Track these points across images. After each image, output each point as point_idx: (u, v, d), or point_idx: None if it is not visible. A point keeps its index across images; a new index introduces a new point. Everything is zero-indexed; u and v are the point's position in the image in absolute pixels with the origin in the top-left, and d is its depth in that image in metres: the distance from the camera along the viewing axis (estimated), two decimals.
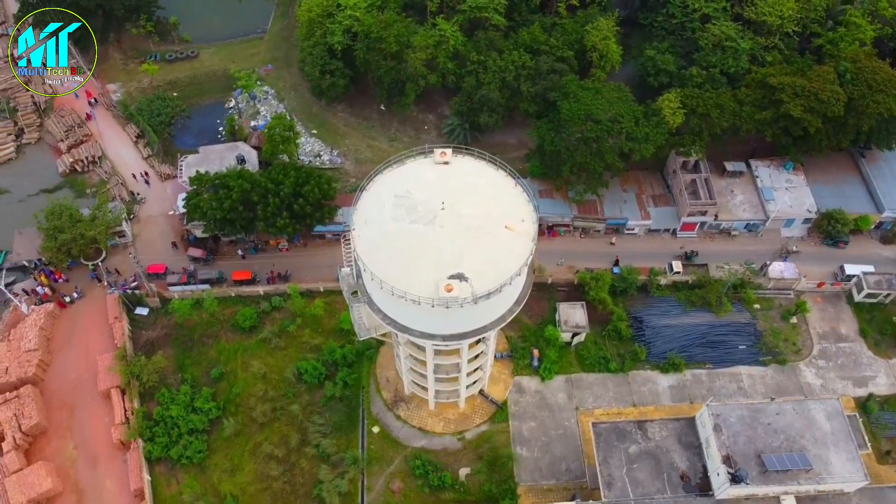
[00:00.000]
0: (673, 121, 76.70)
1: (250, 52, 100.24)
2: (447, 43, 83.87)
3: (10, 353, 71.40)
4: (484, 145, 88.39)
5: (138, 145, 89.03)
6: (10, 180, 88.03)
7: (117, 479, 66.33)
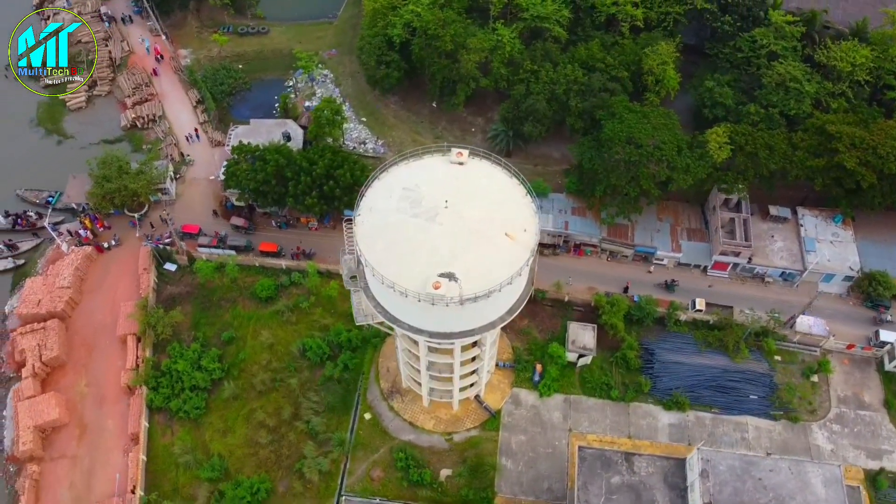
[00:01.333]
0: (718, 155, 74.50)
1: (317, 35, 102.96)
2: (503, 48, 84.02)
3: (44, 287, 75.78)
4: (527, 155, 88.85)
5: (196, 110, 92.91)
6: (77, 128, 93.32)
7: (119, 421, 69.51)
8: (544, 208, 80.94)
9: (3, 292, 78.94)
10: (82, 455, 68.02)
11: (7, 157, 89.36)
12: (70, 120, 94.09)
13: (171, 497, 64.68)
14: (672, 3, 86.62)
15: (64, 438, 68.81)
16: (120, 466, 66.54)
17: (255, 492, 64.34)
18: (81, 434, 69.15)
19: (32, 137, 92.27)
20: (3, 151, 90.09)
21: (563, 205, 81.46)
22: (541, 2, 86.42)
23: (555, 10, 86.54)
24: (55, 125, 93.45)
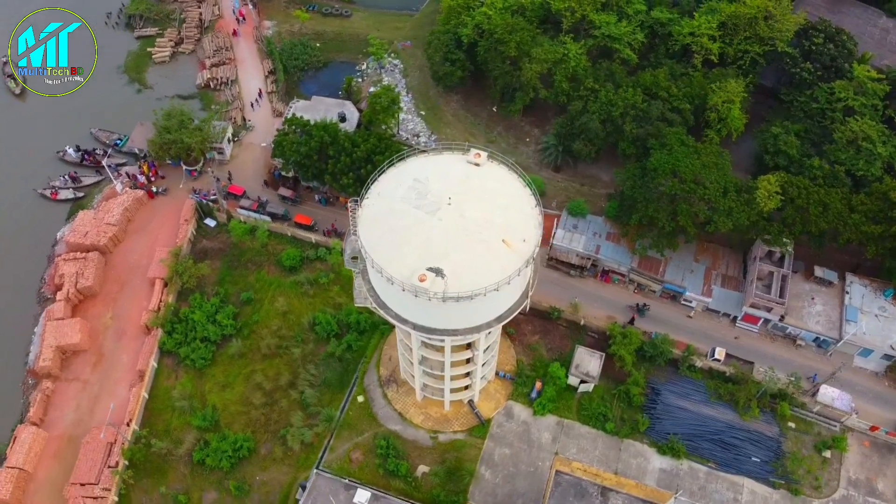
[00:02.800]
0: (765, 204, 71.15)
1: (396, 26, 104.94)
2: (567, 63, 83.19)
3: (94, 221, 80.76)
4: (575, 173, 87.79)
5: (267, 80, 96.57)
6: (157, 79, 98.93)
7: (132, 356, 73.29)
8: (579, 228, 79.74)
9: (60, 219, 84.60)
10: (93, 381, 72.12)
11: (91, 97, 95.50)
12: (153, 72, 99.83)
13: (161, 436, 67.63)
14: (752, 41, 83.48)
15: (80, 363, 73.14)
16: (122, 399, 70.14)
17: (238, 448, 66.48)
18: (97, 362, 73.29)
19: (117, 82, 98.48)
20: (90, 91, 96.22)
21: (598, 228, 79.88)
22: (615, 22, 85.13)
23: (628, 33, 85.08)
24: (139, 74, 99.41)
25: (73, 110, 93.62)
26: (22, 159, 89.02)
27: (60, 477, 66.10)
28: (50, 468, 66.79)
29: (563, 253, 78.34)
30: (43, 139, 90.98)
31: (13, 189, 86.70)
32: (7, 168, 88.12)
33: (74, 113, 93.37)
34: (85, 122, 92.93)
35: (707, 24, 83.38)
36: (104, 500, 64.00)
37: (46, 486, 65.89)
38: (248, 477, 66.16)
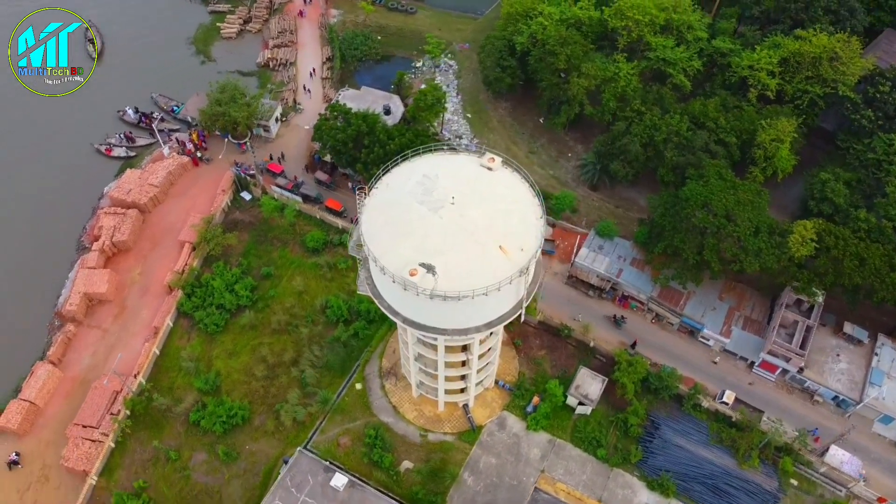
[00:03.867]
0: (797, 250, 68.35)
1: (458, 27, 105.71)
2: (617, 82, 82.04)
3: (138, 180, 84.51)
4: (611, 194, 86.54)
5: (324, 66, 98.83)
6: (222, 54, 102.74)
7: (151, 313, 76.25)
8: (604, 249, 78.45)
9: (109, 175, 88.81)
10: (112, 331, 75.39)
11: (158, 63, 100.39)
12: (218, 46, 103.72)
13: (163, 393, 70.13)
14: (814, 82, 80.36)
15: (104, 312, 76.59)
16: (135, 352, 73.05)
17: (233, 415, 68.27)
18: (119, 313, 76.60)
19: (184, 52, 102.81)
20: (157, 57, 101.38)
21: (624, 252, 78.37)
22: (672, 46, 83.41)
23: (685, 58, 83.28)
24: (205, 47, 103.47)
25: (139, 74, 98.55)
26: (87, 116, 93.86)
27: (67, 416, 69.37)
28: (59, 406, 70.19)
29: (584, 272, 77.21)
30: (109, 99, 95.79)
31: (74, 142, 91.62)
32: (73, 123, 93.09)
33: (140, 77, 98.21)
34: (148, 86, 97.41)
35: (768, 58, 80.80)
36: (101, 444, 66.80)
37: (53, 422, 69.29)
38: (237, 444, 67.84)
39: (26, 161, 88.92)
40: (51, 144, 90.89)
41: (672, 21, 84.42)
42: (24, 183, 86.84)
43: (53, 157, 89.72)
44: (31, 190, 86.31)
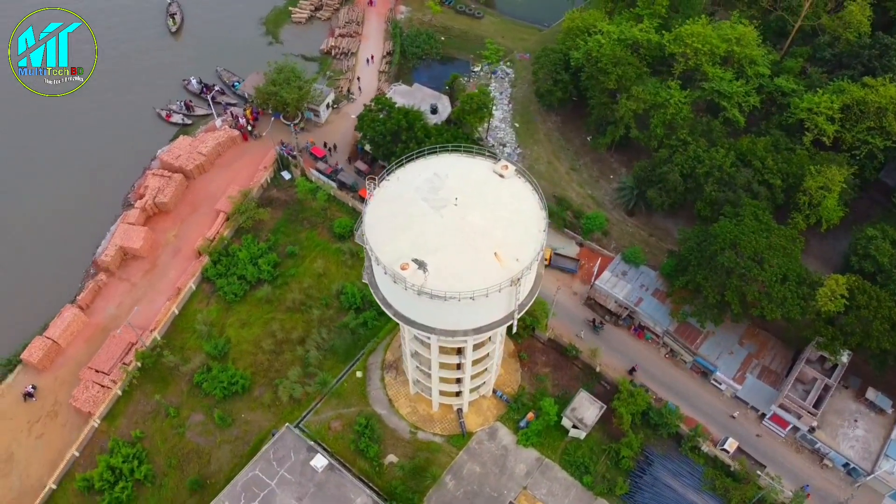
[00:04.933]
0: (825, 304, 65.15)
1: (522, 37, 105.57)
2: (666, 108, 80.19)
3: (188, 147, 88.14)
4: (647, 221, 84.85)
5: (383, 60, 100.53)
6: (289, 37, 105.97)
7: (177, 273, 79.45)
8: (628, 276, 76.96)
9: (164, 139, 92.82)
10: (140, 286, 78.89)
11: (228, 39, 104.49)
12: (287, 29, 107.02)
13: (174, 351, 72.92)
14: (875, 133, 76.44)
15: (135, 267, 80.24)
16: (156, 308, 76.25)
17: (234, 383, 70.37)
18: (149, 270, 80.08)
19: (253, 32, 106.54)
20: (228, 34, 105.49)
21: (647, 282, 76.60)
22: (729, 79, 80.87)
23: (742, 93, 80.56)
24: (274, 29, 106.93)
25: (209, 48, 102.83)
26: (154, 82, 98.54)
27: (84, 359, 73.01)
28: (78, 349, 73.97)
29: (603, 296, 75.87)
30: (178, 68, 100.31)
31: (139, 105, 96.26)
32: (140, 87, 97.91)
33: (210, 51, 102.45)
34: (215, 60, 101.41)
35: (829, 103, 77.23)
36: (108, 391, 70.03)
37: (70, 362, 73.06)
38: (234, 411, 69.86)
39: (93, 118, 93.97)
40: (118, 105, 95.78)
41: (733, 53, 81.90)
42: (88, 138, 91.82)
43: (118, 117, 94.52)
44: (92, 144, 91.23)
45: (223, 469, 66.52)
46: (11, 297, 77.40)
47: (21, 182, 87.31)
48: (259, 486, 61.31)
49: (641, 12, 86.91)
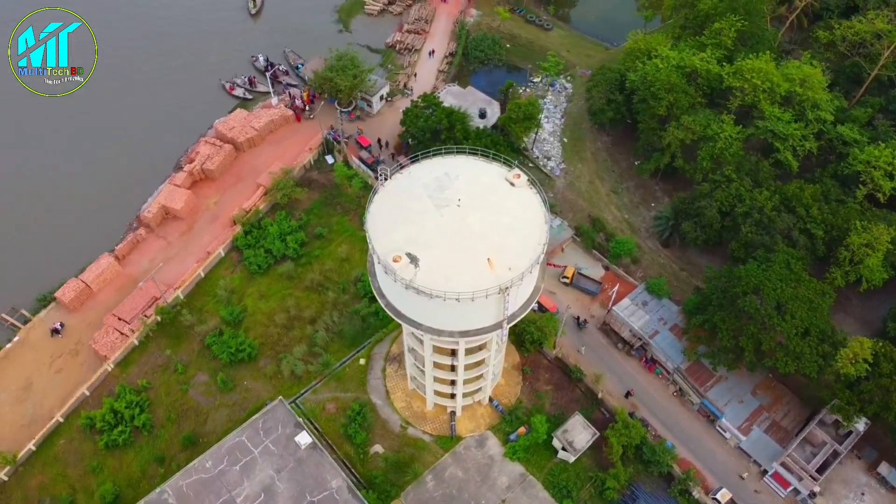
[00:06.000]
0: (844, 366, 61.77)
1: (588, 53, 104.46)
2: (716, 142, 77.79)
3: (242, 120, 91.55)
4: (681, 254, 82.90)
5: (444, 60, 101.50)
6: (359, 27, 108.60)
7: (210, 239, 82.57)
8: (648, 307, 75.14)
9: (224, 110, 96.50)
10: (174, 245, 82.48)
11: (301, 23, 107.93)
12: (359, 20, 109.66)
13: (192, 311, 75.88)
14: None
15: (173, 227, 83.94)
16: (185, 268, 79.50)
17: (241, 350, 72.60)
18: (185, 231, 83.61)
19: (326, 19, 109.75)
20: (303, 18, 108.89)
21: (668, 316, 74.54)
22: (787, 120, 77.65)
23: (798, 136, 77.29)
24: (347, 18, 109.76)
25: (282, 29, 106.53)
26: (226, 56, 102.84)
27: (111, 305, 76.94)
28: (108, 295, 77.99)
29: (619, 323, 74.28)
30: (250, 45, 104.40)
31: (207, 76, 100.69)
32: (212, 61, 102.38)
33: (282, 32, 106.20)
34: (285, 41, 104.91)
35: (889, 157, 73.35)
36: (126, 339, 73.55)
37: (98, 307, 77.12)
38: (237, 377, 72.12)
39: (165, 83, 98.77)
40: (189, 74, 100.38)
41: (795, 94, 78.67)
42: (157, 101, 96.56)
43: (187, 85, 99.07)
44: (159, 108, 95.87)
45: (217, 430, 68.73)
46: (58, 238, 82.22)
47: (91, 135, 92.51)
48: (243, 452, 63.14)
49: (707, 41, 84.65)
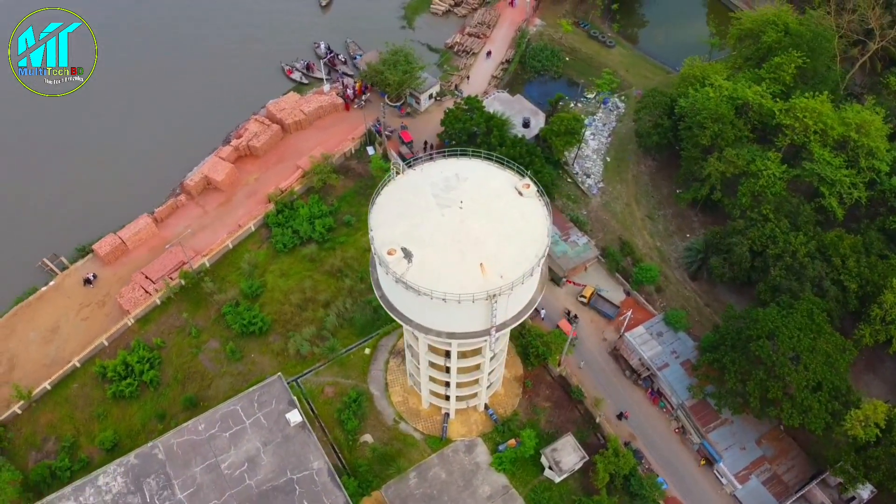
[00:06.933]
0: (852, 427, 58.68)
1: (647, 74, 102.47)
2: (757, 178, 75.17)
3: (293, 103, 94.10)
4: (708, 289, 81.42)
5: (499, 66, 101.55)
6: (422, 25, 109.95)
7: (245, 213, 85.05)
8: (663, 338, 73.41)
9: (279, 91, 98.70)
10: (210, 214, 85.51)
11: (367, 15, 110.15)
12: (423, 18, 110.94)
13: (214, 279, 78.56)
14: None
15: (213, 197, 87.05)
16: (216, 238, 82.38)
17: (253, 322, 74.66)
18: (223, 203, 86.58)
19: (392, 14, 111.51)
20: (370, 11, 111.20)
21: (682, 350, 72.55)
22: (837, 165, 74.24)
23: (847, 183, 73.87)
24: (412, 15, 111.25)
25: (348, 20, 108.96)
26: (289, 40, 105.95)
27: (141, 264, 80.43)
28: (140, 254, 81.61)
29: (629, 350, 72.75)
30: (315, 32, 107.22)
31: (270, 58, 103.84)
32: (276, 44, 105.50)
33: (347, 22, 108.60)
34: (349, 31, 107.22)
35: None
36: (149, 297, 76.82)
37: (130, 263, 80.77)
38: (245, 349, 74.25)
39: (228, 62, 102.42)
40: (254, 54, 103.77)
41: (850, 139, 75.14)
42: (215, 76, 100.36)
43: (249, 65, 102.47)
44: (217, 82, 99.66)
45: (218, 396, 70.89)
46: (104, 194, 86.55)
47: (152, 105, 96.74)
48: (235, 421, 64.79)
49: (765, 75, 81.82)
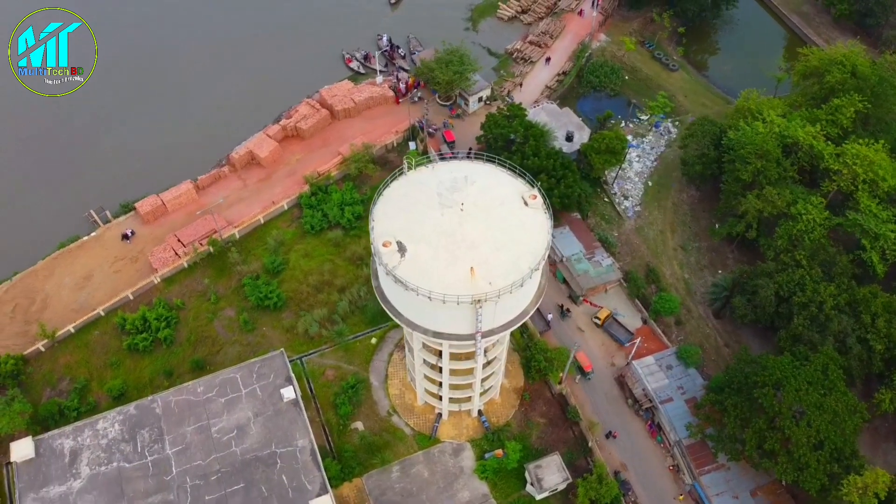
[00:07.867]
0: (849, 494, 55.69)
1: (704, 102, 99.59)
2: (796, 222, 72.11)
3: (345, 91, 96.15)
4: (730, 329, 78.99)
5: (555, 77, 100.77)
6: (485, 29, 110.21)
7: (282, 191, 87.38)
8: (672, 372, 71.75)
9: (335, 78, 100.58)
10: (250, 188, 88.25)
11: (433, 14, 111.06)
12: (488, 22, 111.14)
13: (240, 250, 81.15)
14: None
15: (255, 172, 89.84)
16: (249, 212, 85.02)
17: (269, 297, 76.72)
18: (263, 178, 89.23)
19: (458, 14, 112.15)
20: (436, 10, 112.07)
21: (689, 386, 70.47)
22: (885, 219, 70.45)
23: (893, 238, 70.02)
24: (478, 18, 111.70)
25: (414, 17, 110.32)
26: (353, 30, 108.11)
27: (177, 227, 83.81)
28: (176, 217, 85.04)
29: (633, 379, 71.14)
30: (379, 25, 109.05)
31: (333, 45, 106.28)
32: (342, 35, 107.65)
33: (413, 19, 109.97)
34: (412, 28, 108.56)
35: None
36: (178, 260, 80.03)
37: (166, 225, 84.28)
38: (258, 322, 76.39)
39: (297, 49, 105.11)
40: (319, 41, 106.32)
41: None
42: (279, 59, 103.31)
43: (310, 49, 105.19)
44: (279, 64, 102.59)
45: (224, 363, 73.16)
46: (154, 158, 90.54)
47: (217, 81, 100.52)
48: (232, 388, 66.87)
49: (821, 116, 78.32)
